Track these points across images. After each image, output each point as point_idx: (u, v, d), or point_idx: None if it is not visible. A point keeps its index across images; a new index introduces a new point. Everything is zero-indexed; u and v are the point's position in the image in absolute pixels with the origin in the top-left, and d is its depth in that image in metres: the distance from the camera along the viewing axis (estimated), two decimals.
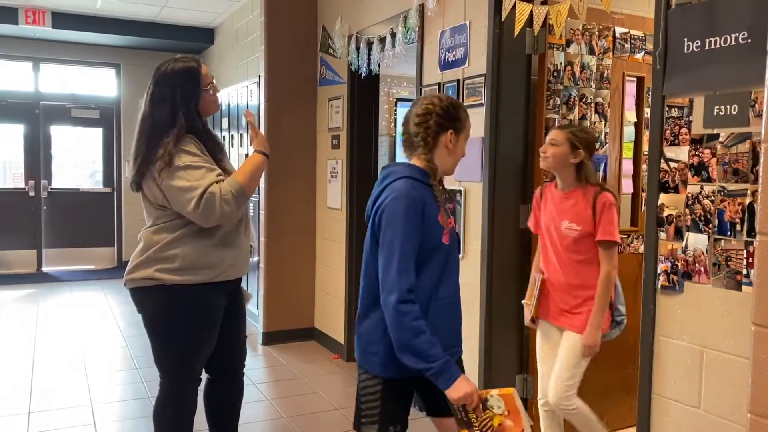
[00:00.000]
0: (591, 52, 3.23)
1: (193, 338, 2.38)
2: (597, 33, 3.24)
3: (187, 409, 2.45)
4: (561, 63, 3.13)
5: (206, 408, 2.61)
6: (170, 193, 2.24)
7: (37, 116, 7.87)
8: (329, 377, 4.31)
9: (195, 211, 2.20)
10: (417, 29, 3.63)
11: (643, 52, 3.36)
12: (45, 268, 7.94)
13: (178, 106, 2.29)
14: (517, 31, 2.79)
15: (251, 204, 5.65)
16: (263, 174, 3.37)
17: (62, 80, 8.02)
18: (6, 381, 4.05)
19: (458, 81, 3.30)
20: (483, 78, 3.10)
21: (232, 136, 6.28)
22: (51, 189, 7.98)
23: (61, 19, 6.87)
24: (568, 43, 3.16)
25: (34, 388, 3.92)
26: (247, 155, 5.59)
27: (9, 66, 7.75)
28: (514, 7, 2.78)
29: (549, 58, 3.10)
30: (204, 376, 2.55)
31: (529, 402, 3.13)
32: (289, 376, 4.29)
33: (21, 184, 7.87)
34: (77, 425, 3.40)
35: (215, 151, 2.41)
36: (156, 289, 2.31)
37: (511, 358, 3.18)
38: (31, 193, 7.89)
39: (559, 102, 3.14)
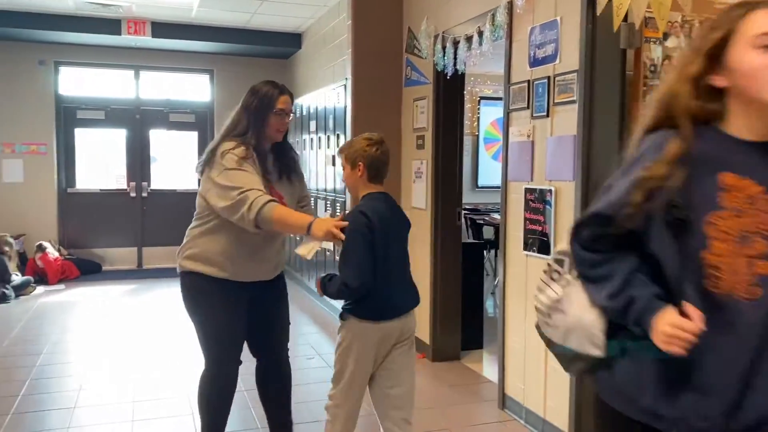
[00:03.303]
0: None
1: (214, 322, 2.67)
2: (697, 24, 3.08)
3: (221, 388, 2.73)
4: (658, 57, 3.00)
5: (257, 387, 2.89)
6: (214, 187, 2.52)
7: (137, 121, 8.33)
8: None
9: (225, 204, 2.47)
10: (505, 27, 3.58)
11: None
12: (145, 266, 8.40)
13: (251, 114, 2.60)
14: (615, 26, 2.70)
15: (338, 204, 5.75)
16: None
17: (160, 87, 8.46)
18: (113, 371, 4.32)
19: (549, 78, 3.23)
20: (575, 74, 3.02)
21: (319, 138, 6.42)
22: (150, 190, 8.42)
23: (160, 29, 7.25)
24: (666, 36, 3.02)
25: (137, 379, 4.16)
26: (333, 156, 5.71)
27: (113, 74, 8.26)
28: (610, 0, 2.70)
29: (645, 52, 2.98)
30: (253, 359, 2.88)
31: None
32: None
33: (123, 186, 8.36)
34: (177, 414, 3.57)
35: (269, 173, 2.65)
36: (184, 275, 2.70)
37: None
38: (132, 194, 8.36)
39: None
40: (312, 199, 6.34)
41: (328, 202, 6.03)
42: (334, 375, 2.51)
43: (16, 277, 6.68)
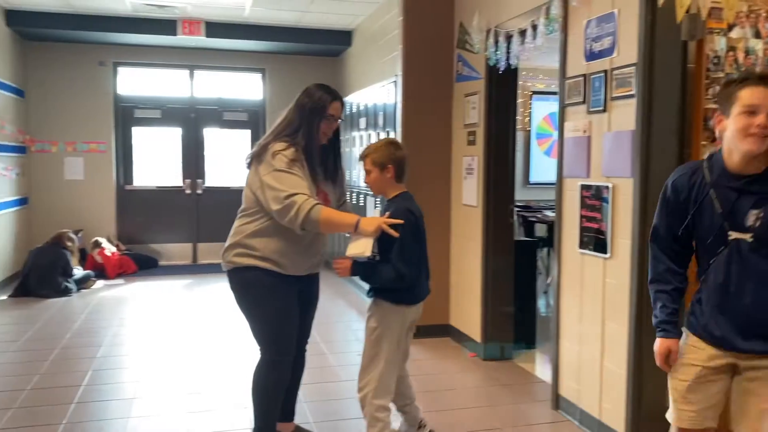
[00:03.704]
0: (757, 35, 2.95)
1: (277, 314, 2.77)
2: (764, 14, 2.95)
3: (278, 377, 2.83)
4: (722, 49, 2.89)
5: None
6: (263, 187, 2.63)
7: (192, 119, 8.52)
8: (466, 375, 4.29)
9: (275, 208, 2.59)
10: (560, 20, 3.51)
11: None
12: (200, 261, 8.58)
13: (305, 115, 2.73)
14: (679, 17, 2.60)
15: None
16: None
17: (213, 85, 8.62)
18: (170, 363, 4.43)
19: (605, 72, 3.15)
20: (633, 68, 2.93)
21: (369, 135, 6.43)
22: (205, 187, 8.60)
23: (214, 28, 7.40)
24: (730, 27, 2.91)
25: (194, 371, 4.26)
26: None
27: (168, 74, 8.46)
28: None
29: (708, 44, 2.87)
30: None
31: None
32: (426, 371, 4.32)
33: (179, 183, 8.56)
34: (232, 406, 3.63)
35: (316, 172, 2.76)
36: (235, 270, 2.78)
37: None
38: (188, 191, 8.55)
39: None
40: (362, 196, 6.38)
41: (377, 200, 6.04)
42: (367, 362, 2.72)
43: (78, 271, 6.93)
